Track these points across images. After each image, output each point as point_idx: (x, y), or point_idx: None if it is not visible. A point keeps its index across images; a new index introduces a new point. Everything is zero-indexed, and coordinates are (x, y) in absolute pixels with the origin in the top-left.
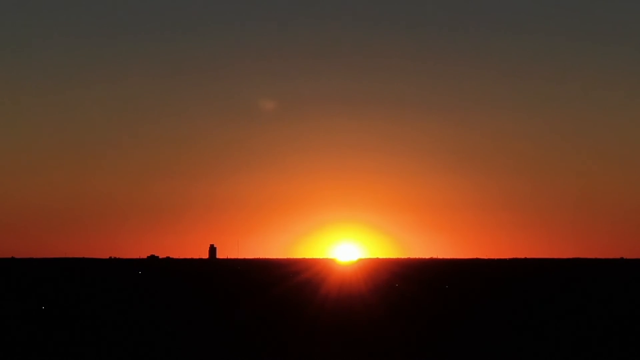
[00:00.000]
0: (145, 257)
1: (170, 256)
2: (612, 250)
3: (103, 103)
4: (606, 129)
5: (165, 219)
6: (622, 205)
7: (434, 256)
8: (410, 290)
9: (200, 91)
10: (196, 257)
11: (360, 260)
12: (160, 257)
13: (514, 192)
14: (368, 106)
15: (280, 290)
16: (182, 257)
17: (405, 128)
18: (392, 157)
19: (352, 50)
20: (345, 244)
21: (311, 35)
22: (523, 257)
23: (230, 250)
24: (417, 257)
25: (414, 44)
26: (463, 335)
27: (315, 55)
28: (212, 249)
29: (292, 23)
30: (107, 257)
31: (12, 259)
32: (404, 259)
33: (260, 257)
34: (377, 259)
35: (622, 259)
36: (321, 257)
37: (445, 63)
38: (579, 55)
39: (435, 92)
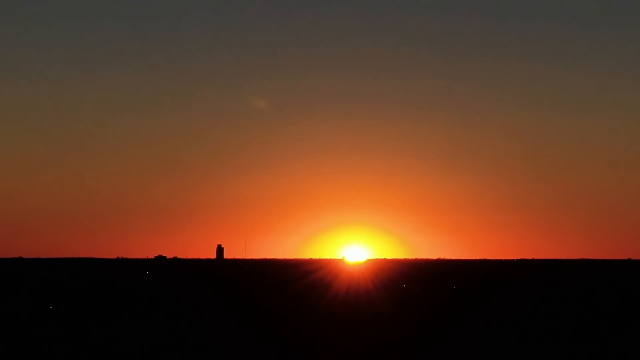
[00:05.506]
0: (152, 257)
1: (178, 256)
2: (620, 252)
3: (110, 103)
4: (612, 130)
5: (172, 219)
6: (633, 207)
7: (441, 257)
8: (417, 291)
9: (209, 91)
10: (204, 257)
11: (369, 260)
12: (167, 257)
13: (521, 193)
14: (378, 107)
15: (290, 290)
16: (189, 257)
17: (413, 129)
18: (400, 158)
19: (360, 50)
20: (354, 245)
21: (314, 34)
22: (531, 257)
23: (238, 250)
24: (424, 257)
25: (422, 44)
26: (466, 334)
27: (323, 55)
28: (220, 249)
29: (292, 23)
30: (115, 257)
31: (20, 258)
32: (412, 260)
33: (268, 257)
34: (385, 259)
35: (629, 260)
36: (330, 257)
37: (452, 63)
38: (579, 56)
39: (443, 92)
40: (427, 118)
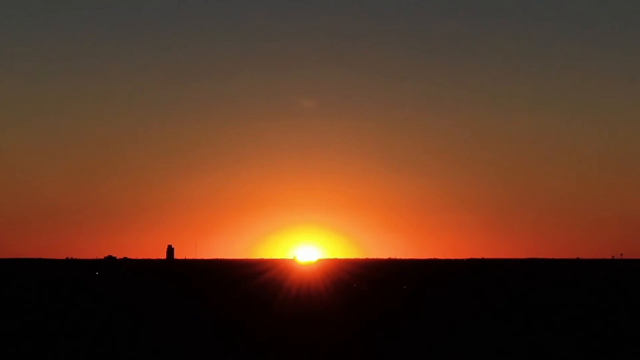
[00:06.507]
0: (102, 257)
1: (128, 257)
2: (570, 251)
3: (58, 103)
4: (562, 130)
5: (122, 219)
6: (582, 206)
7: (392, 256)
8: (368, 290)
9: (157, 90)
10: (154, 257)
11: (320, 260)
12: (117, 257)
13: (471, 193)
14: (326, 106)
15: (241, 290)
16: (139, 257)
17: (363, 129)
18: (350, 158)
19: (302, 48)
20: (305, 244)
21: (264, 35)
22: (481, 257)
23: (188, 251)
24: (375, 257)
25: (376, 42)
26: (416, 333)
27: (274, 56)
28: (170, 250)
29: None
30: (64, 257)
31: None
32: (363, 260)
33: (218, 257)
34: (336, 259)
35: (578, 259)
36: (281, 257)
37: (400, 62)
38: (532, 54)
39: (393, 91)
40: (377, 117)
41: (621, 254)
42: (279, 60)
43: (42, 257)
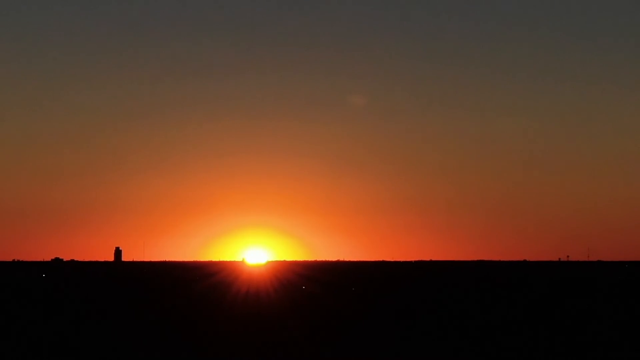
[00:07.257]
0: (49, 259)
1: (75, 259)
2: (517, 253)
3: (8, 103)
4: (510, 131)
5: (70, 220)
6: (529, 208)
7: (341, 258)
8: (316, 292)
9: (102, 92)
10: (101, 259)
11: (269, 262)
12: (64, 259)
13: (419, 195)
14: (271, 108)
15: (191, 292)
16: (87, 259)
17: (312, 131)
18: (299, 160)
19: (250, 49)
20: (254, 247)
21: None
22: (429, 259)
23: (136, 253)
24: (324, 259)
25: (319, 43)
26: (363, 334)
27: (218, 59)
28: (118, 252)
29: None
30: (11, 259)
31: None
32: (311, 262)
33: (167, 259)
34: (285, 261)
35: (525, 261)
36: (230, 259)
37: (347, 62)
38: (477, 56)
39: (341, 92)
40: (325, 119)
41: (567, 256)
42: (221, 63)
43: None
